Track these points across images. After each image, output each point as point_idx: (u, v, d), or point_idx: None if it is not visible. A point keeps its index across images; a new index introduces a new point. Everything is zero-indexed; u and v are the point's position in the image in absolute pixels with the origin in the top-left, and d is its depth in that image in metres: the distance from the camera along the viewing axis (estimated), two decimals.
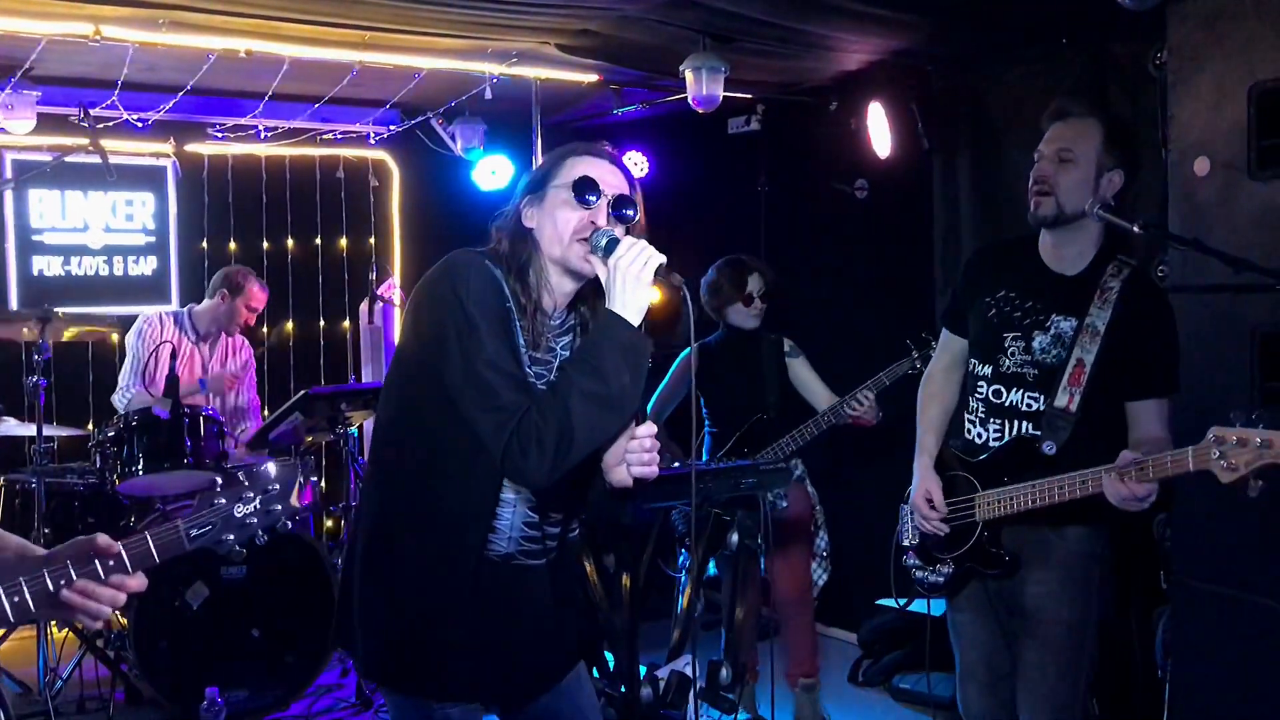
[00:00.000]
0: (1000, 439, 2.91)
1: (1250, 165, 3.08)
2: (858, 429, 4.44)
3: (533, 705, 2.42)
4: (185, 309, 5.67)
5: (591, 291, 2.29)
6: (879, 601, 5.32)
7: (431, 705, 2.27)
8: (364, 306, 6.97)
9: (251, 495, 1.89)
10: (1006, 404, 2.88)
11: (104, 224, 6.42)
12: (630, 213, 2.23)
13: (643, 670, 3.17)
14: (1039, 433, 2.82)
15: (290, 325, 6.95)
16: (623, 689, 3.25)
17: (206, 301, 5.62)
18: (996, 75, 4.96)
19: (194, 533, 1.86)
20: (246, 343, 5.83)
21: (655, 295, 2.13)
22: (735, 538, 3.37)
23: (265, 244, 6.82)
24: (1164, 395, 2.83)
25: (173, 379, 4.67)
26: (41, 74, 5.06)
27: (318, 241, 7.01)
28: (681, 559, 4.01)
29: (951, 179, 5.23)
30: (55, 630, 4.91)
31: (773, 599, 4.50)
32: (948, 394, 3.08)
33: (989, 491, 2.86)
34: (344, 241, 7.10)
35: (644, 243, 2.15)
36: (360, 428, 5.38)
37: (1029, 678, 2.87)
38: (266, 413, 5.99)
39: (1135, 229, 2.71)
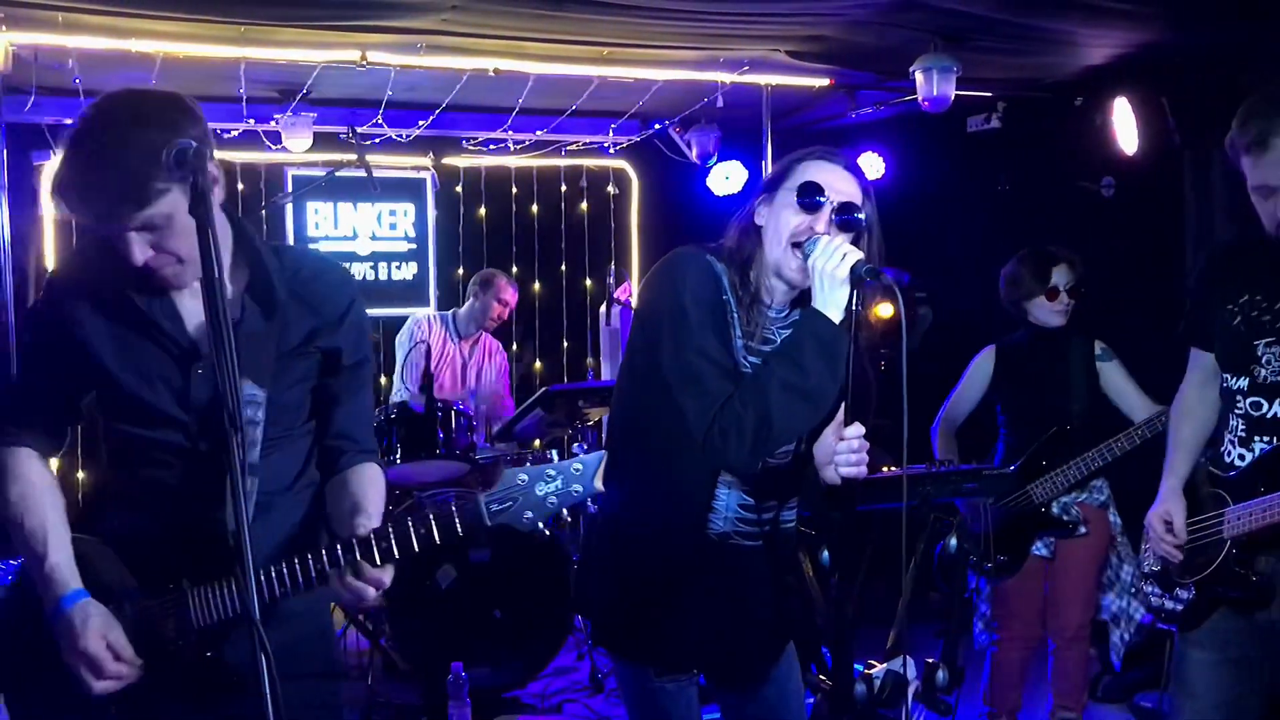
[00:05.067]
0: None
1: None
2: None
3: (743, 687, 2.53)
4: (450, 312, 6.11)
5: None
6: None
7: (649, 675, 2.42)
8: (603, 309, 7.25)
9: (554, 474, 1.89)
10: (1269, 417, 2.60)
11: (370, 232, 7.01)
12: (856, 219, 2.26)
13: (858, 669, 3.21)
14: None
15: (537, 326, 7.33)
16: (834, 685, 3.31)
17: (465, 303, 6.05)
18: (1257, 67, 4.67)
19: (494, 508, 1.88)
20: (500, 346, 6.21)
21: (848, 290, 2.16)
22: (954, 543, 3.35)
23: (514, 249, 7.23)
24: None
25: (427, 376, 5.02)
26: (317, 97, 5.59)
27: (562, 247, 7.37)
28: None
29: (1205, 176, 4.99)
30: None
31: (1049, 624, 4.15)
32: (1201, 412, 2.83)
33: (1241, 505, 2.61)
34: (586, 247, 7.42)
35: (841, 240, 2.22)
36: (599, 423, 5.62)
37: None
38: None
39: None
